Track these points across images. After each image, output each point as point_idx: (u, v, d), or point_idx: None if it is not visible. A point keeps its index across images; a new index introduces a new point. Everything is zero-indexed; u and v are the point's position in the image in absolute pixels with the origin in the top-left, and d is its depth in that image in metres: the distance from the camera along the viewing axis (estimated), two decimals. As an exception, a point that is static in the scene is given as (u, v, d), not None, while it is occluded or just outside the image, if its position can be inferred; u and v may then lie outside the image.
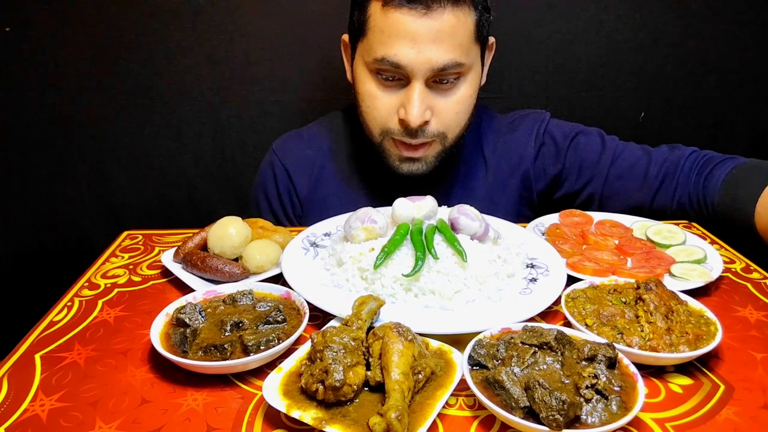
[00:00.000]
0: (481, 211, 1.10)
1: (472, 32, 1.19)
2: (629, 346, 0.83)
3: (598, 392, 0.70)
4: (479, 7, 1.20)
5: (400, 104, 1.20)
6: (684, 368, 0.84)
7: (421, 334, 0.83)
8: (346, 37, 1.33)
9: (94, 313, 0.99)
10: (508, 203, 1.42)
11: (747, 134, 1.85)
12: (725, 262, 1.14)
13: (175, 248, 1.13)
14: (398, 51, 1.13)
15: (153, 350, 0.86)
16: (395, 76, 1.19)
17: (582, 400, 0.69)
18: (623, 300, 0.93)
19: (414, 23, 1.12)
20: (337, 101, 1.63)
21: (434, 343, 0.83)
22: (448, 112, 1.22)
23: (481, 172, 1.42)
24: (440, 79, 1.19)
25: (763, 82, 1.79)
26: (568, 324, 0.88)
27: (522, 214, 1.44)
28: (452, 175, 1.40)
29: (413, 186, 1.28)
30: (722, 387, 0.80)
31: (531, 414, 0.68)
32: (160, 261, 1.14)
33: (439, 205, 1.14)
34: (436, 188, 1.35)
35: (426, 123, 1.20)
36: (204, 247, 1.13)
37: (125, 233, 1.32)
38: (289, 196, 1.46)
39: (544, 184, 1.44)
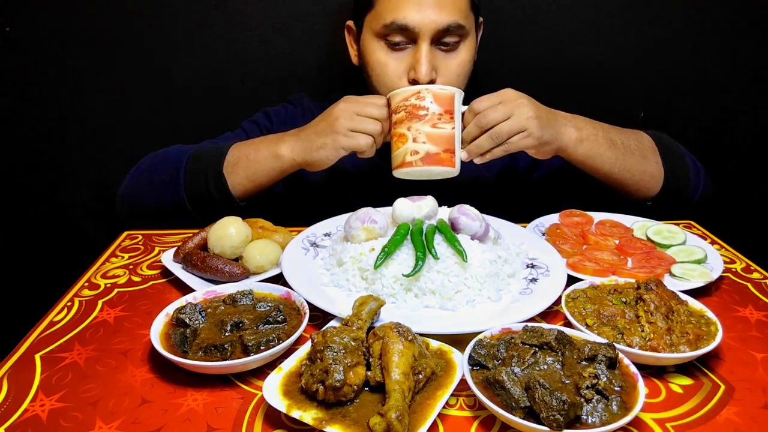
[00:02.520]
0: (469, 180, 1.16)
1: (468, 0, 1.33)
2: (630, 346, 0.83)
3: (598, 392, 0.70)
4: None
5: (408, 67, 1.30)
6: (684, 368, 0.84)
7: (421, 334, 0.83)
8: (350, 22, 1.43)
9: (94, 313, 0.99)
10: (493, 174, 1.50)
11: (747, 134, 1.85)
12: (725, 262, 1.14)
13: (175, 248, 1.13)
14: (406, 14, 1.25)
15: (153, 350, 0.86)
16: (403, 41, 1.29)
17: (582, 400, 0.69)
18: (623, 300, 0.93)
19: None
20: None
21: (434, 343, 0.83)
22: (452, 73, 1.33)
23: None
24: (444, 42, 1.29)
25: (763, 81, 1.79)
26: (568, 324, 0.88)
27: (505, 184, 1.52)
28: None
29: None
30: (722, 387, 0.80)
31: (531, 414, 0.68)
32: (160, 261, 1.14)
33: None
34: None
35: (433, 81, 1.30)
36: (204, 247, 1.13)
37: (125, 233, 1.32)
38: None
39: (528, 160, 1.50)
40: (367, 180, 1.45)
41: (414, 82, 1.29)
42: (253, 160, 1.27)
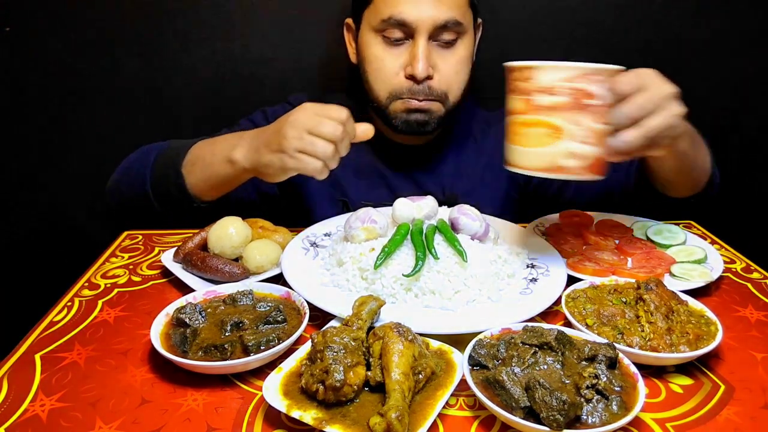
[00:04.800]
0: (472, 186, 1.12)
1: None
2: (630, 346, 0.83)
3: (598, 392, 0.70)
4: None
5: (405, 63, 1.30)
6: (684, 368, 0.84)
7: (421, 334, 0.83)
8: (349, 20, 1.43)
9: (94, 313, 0.99)
10: (497, 182, 1.49)
11: (748, 134, 1.85)
12: (725, 262, 1.14)
13: (175, 248, 1.13)
14: (403, 9, 1.25)
15: (153, 350, 0.86)
16: (400, 37, 1.29)
17: (582, 400, 0.69)
18: (623, 300, 0.93)
19: None
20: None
21: (434, 343, 0.83)
22: (449, 70, 1.31)
23: (472, 151, 1.49)
24: (441, 38, 1.29)
25: (763, 81, 1.79)
26: (568, 324, 0.88)
27: (509, 197, 1.51)
28: (444, 152, 1.48)
29: (410, 156, 1.43)
30: (722, 387, 0.80)
31: (531, 414, 0.68)
32: (160, 261, 1.15)
33: (431, 179, 1.16)
34: (430, 159, 1.46)
35: (430, 78, 1.29)
36: (204, 247, 1.13)
37: (125, 233, 1.32)
38: None
39: (555, 187, 1.49)
40: (367, 179, 1.45)
41: (411, 78, 1.28)
42: (209, 164, 1.20)
